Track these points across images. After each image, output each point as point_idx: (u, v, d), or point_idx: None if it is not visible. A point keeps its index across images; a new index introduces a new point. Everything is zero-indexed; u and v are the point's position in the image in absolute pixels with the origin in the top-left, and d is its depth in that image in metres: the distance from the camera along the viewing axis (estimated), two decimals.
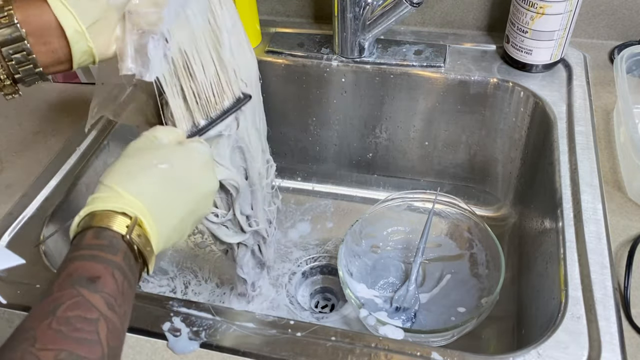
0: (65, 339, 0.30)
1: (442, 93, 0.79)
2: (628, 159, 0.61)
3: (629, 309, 0.50)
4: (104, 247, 0.36)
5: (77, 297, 0.33)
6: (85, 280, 0.33)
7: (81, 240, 0.36)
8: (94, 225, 0.37)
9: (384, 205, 0.77)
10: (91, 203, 0.38)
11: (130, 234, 0.37)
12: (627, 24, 0.80)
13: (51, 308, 0.32)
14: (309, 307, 0.80)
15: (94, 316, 0.32)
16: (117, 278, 0.35)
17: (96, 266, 0.35)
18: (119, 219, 0.37)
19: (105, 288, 0.34)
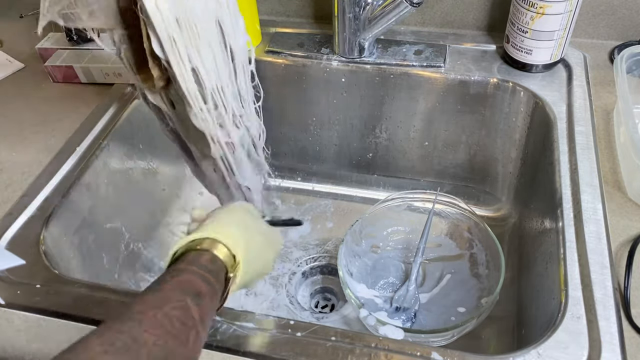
0: (165, 330, 0.36)
1: (442, 93, 0.79)
2: (628, 159, 0.61)
3: (629, 309, 0.50)
4: (213, 272, 0.43)
5: (183, 303, 0.38)
6: (193, 294, 0.39)
7: (199, 259, 0.43)
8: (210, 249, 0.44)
9: (384, 205, 0.77)
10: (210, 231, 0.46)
11: (233, 272, 0.45)
12: (627, 24, 0.80)
13: (160, 303, 0.37)
14: (309, 307, 0.80)
15: (189, 323, 0.38)
16: (213, 301, 0.42)
17: (204, 286, 0.41)
18: (228, 255, 0.45)
19: (204, 305, 0.40)
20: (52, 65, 0.81)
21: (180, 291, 0.39)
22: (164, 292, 0.39)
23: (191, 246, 0.45)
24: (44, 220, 0.61)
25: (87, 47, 0.84)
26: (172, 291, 0.39)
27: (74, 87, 0.81)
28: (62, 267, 0.61)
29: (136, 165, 0.78)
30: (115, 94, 0.78)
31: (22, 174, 0.67)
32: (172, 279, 0.40)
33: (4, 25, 0.97)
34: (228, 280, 0.45)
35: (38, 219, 0.62)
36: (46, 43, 0.86)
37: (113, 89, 0.79)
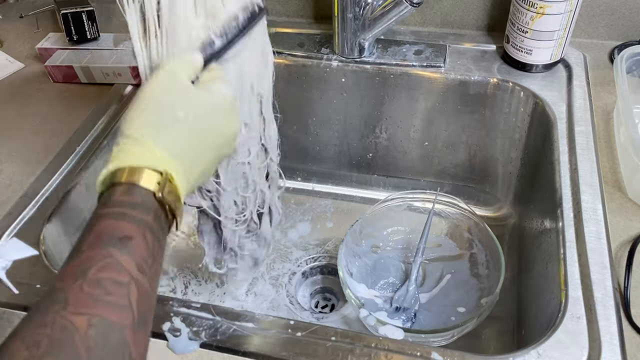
0: (97, 303, 0.29)
1: (442, 93, 0.79)
2: (628, 159, 0.61)
3: (629, 309, 0.50)
4: (135, 205, 0.34)
5: (108, 258, 0.31)
6: (117, 241, 0.32)
7: (111, 197, 0.35)
8: (123, 182, 0.35)
9: (384, 205, 0.77)
10: (118, 157, 0.36)
11: (162, 191, 0.36)
12: (627, 24, 0.80)
13: (82, 269, 0.31)
14: (309, 307, 0.80)
15: (125, 280, 0.31)
16: (148, 239, 0.34)
17: (127, 225, 0.33)
18: (150, 175, 0.36)
19: (137, 249, 0.33)
20: (52, 65, 0.81)
21: (101, 244, 0.32)
22: (82, 254, 0.32)
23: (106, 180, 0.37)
24: (44, 220, 0.61)
25: (87, 47, 0.84)
26: (91, 249, 0.32)
27: (74, 87, 0.81)
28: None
29: None
30: (115, 94, 0.78)
31: (22, 174, 0.67)
32: (89, 233, 0.33)
33: (4, 25, 0.97)
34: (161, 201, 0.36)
35: (38, 219, 0.62)
36: (46, 43, 0.86)
37: (113, 89, 0.79)
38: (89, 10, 0.83)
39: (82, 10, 0.83)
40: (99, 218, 0.34)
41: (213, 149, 0.42)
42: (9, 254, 0.56)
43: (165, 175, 0.36)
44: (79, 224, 0.66)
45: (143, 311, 0.32)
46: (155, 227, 0.35)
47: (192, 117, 0.39)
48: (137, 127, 0.37)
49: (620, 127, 0.65)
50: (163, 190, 0.36)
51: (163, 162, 0.37)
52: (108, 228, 0.33)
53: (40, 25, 0.95)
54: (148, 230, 0.34)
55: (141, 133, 0.37)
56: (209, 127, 0.41)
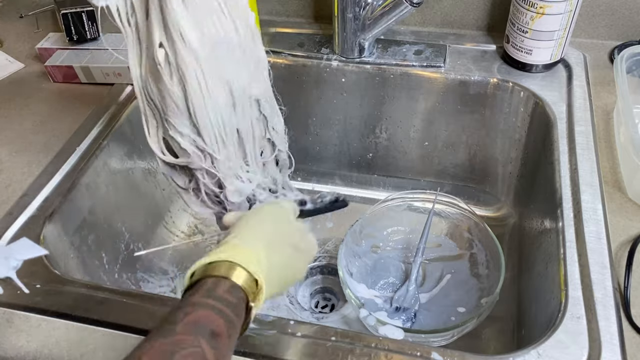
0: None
1: (442, 93, 0.79)
2: (628, 159, 0.61)
3: (629, 309, 0.50)
4: (232, 306, 0.38)
5: (197, 348, 0.34)
6: (209, 334, 0.35)
7: (217, 289, 0.38)
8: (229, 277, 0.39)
9: (384, 205, 0.77)
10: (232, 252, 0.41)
11: (254, 302, 0.40)
12: (627, 24, 0.80)
13: (171, 350, 0.33)
14: (309, 307, 0.80)
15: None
16: (232, 339, 0.37)
17: (221, 323, 0.36)
18: (249, 282, 0.40)
19: (222, 347, 0.36)
20: (52, 65, 0.81)
21: (195, 332, 0.35)
22: (175, 335, 0.34)
23: (208, 270, 0.40)
24: (44, 220, 0.61)
25: (87, 47, 0.84)
26: (184, 333, 0.35)
27: (74, 87, 0.81)
28: (62, 267, 0.61)
29: (136, 165, 0.78)
30: (115, 94, 0.78)
31: (22, 174, 0.67)
32: (186, 316, 0.36)
33: (4, 25, 0.97)
34: (249, 310, 0.40)
35: (38, 219, 0.62)
36: (46, 43, 0.86)
37: (113, 89, 0.79)
38: (89, 10, 0.83)
39: (82, 10, 0.83)
40: (198, 305, 0.37)
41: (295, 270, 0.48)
42: (19, 254, 0.56)
43: (260, 288, 0.41)
44: (79, 224, 0.66)
45: None
46: (236, 330, 0.39)
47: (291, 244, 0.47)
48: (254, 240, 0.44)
49: (620, 127, 0.65)
50: (255, 300, 0.40)
51: (263, 275, 0.41)
52: (205, 319, 0.36)
53: (40, 25, 0.95)
54: (233, 331, 0.38)
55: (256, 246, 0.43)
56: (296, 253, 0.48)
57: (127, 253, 0.76)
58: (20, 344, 0.50)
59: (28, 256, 0.56)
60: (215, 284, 0.39)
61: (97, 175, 0.70)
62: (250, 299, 0.40)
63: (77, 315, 0.52)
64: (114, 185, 0.73)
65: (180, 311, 0.36)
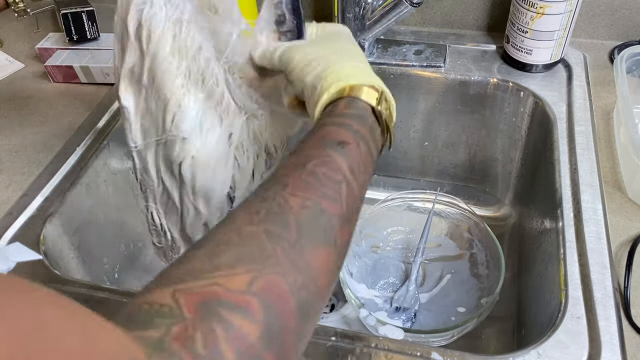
0: (312, 189, 0.33)
1: (442, 93, 0.79)
2: (628, 159, 0.61)
3: (629, 309, 0.50)
4: (354, 117, 0.38)
5: (327, 157, 0.35)
6: (335, 144, 0.36)
7: (334, 108, 0.39)
8: (345, 95, 0.39)
9: (384, 205, 0.77)
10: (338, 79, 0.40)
11: (380, 105, 0.39)
12: (627, 24, 0.80)
13: (302, 162, 0.35)
14: None
15: (338, 177, 0.34)
16: (362, 148, 0.37)
17: (345, 133, 0.37)
18: (369, 92, 0.40)
19: (351, 154, 0.36)
20: (52, 65, 0.81)
21: (320, 146, 0.36)
22: (303, 151, 0.36)
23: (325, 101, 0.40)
24: (44, 220, 0.61)
25: (87, 47, 0.84)
26: (312, 148, 0.36)
27: (74, 87, 0.81)
28: (62, 267, 0.61)
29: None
30: (115, 94, 0.78)
31: (22, 174, 0.67)
32: (310, 137, 0.37)
33: (4, 25, 0.97)
34: (379, 114, 0.40)
35: (38, 219, 0.62)
36: (46, 43, 0.86)
37: (113, 89, 0.79)
38: (89, 10, 0.83)
39: (82, 10, 0.83)
40: (322, 126, 0.38)
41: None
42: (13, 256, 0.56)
43: (381, 92, 0.40)
44: (79, 224, 0.66)
45: (350, 209, 0.35)
46: (370, 140, 0.38)
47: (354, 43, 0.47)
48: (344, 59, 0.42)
49: (620, 127, 0.65)
50: (380, 104, 0.40)
51: (379, 82, 0.41)
52: (329, 134, 0.37)
53: (40, 25, 0.95)
54: (363, 140, 0.37)
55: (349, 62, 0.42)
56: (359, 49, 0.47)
57: (127, 253, 0.76)
58: None
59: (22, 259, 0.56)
60: (333, 106, 0.39)
61: (97, 175, 0.70)
62: (375, 104, 0.39)
63: None
64: (114, 185, 0.73)
65: (307, 136, 0.38)
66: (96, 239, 0.69)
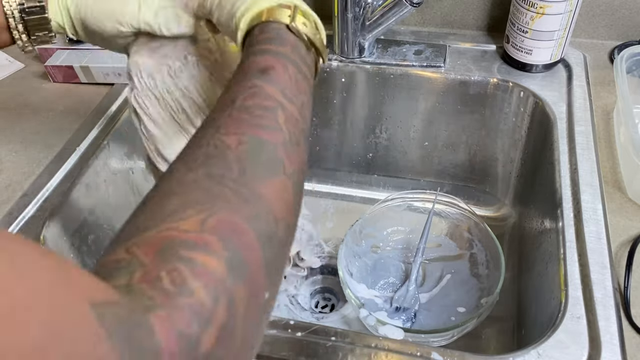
0: (246, 124, 0.32)
1: (442, 93, 0.79)
2: (628, 159, 0.61)
3: (629, 309, 0.50)
4: (271, 40, 0.36)
5: (253, 88, 0.33)
6: (259, 72, 0.34)
7: (251, 39, 0.37)
8: (257, 23, 0.37)
9: (384, 205, 0.77)
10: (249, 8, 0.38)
11: (294, 21, 0.37)
12: (627, 24, 0.80)
13: (230, 99, 0.33)
14: (309, 307, 0.80)
15: (271, 104, 0.33)
16: (290, 70, 0.35)
17: (267, 58, 0.35)
18: (280, 11, 0.37)
19: (279, 79, 0.34)
20: (52, 65, 0.81)
21: (244, 78, 0.34)
22: (231, 88, 0.34)
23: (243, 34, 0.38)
24: (44, 220, 0.61)
25: (87, 47, 0.84)
26: (238, 84, 0.34)
27: (74, 87, 0.81)
28: None
29: (136, 165, 0.78)
30: (115, 94, 0.78)
31: (22, 174, 0.67)
32: (235, 74, 0.35)
33: None
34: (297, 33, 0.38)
35: (38, 219, 0.62)
36: None
37: (113, 89, 0.79)
38: None
39: None
40: (243, 60, 0.36)
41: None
42: None
43: (293, 8, 0.38)
44: (79, 224, 0.66)
45: (294, 132, 0.33)
46: (296, 59, 0.36)
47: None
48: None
49: (620, 127, 0.65)
50: (294, 20, 0.37)
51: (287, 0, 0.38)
52: (251, 64, 0.35)
53: None
54: (289, 62, 0.36)
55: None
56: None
57: None
58: None
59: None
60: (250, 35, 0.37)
61: (97, 175, 0.70)
62: (289, 21, 0.37)
63: None
64: (114, 185, 0.73)
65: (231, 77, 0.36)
66: (96, 239, 0.69)
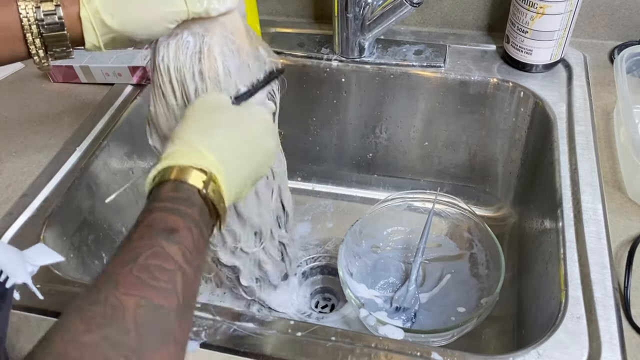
0: (145, 286, 0.32)
1: (442, 93, 0.79)
2: (628, 159, 0.61)
3: (629, 309, 0.50)
4: (182, 201, 0.37)
5: (157, 247, 0.34)
6: (165, 232, 0.35)
7: (160, 193, 0.38)
8: (171, 179, 0.38)
9: (384, 205, 0.77)
10: (168, 157, 0.39)
11: (206, 189, 0.38)
12: (627, 24, 0.80)
13: (132, 256, 0.33)
14: (309, 307, 0.80)
15: (171, 267, 0.33)
16: (194, 232, 0.36)
17: (175, 219, 0.36)
18: (196, 174, 0.38)
19: (183, 241, 0.35)
20: (52, 65, 0.80)
21: (149, 236, 0.35)
22: (132, 243, 0.34)
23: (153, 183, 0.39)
24: (44, 220, 0.61)
25: None
26: (140, 239, 0.34)
27: (74, 87, 0.81)
28: (62, 267, 0.61)
29: (136, 165, 0.78)
30: (115, 94, 0.78)
31: (22, 174, 0.67)
32: (138, 226, 0.36)
33: None
34: (206, 198, 0.38)
35: (38, 219, 0.62)
36: None
37: (113, 89, 0.79)
38: None
39: None
40: (148, 212, 0.36)
41: (253, 160, 0.44)
42: (35, 259, 0.56)
43: (209, 175, 0.39)
44: (79, 224, 0.66)
45: (187, 297, 0.34)
46: (200, 223, 0.37)
47: (234, 125, 0.44)
48: (185, 133, 0.41)
49: (620, 127, 0.65)
50: (207, 187, 0.38)
51: (208, 163, 0.39)
52: (157, 221, 0.35)
53: None
54: (194, 224, 0.37)
55: (188, 137, 0.41)
56: (249, 137, 0.44)
57: None
58: (20, 344, 0.50)
59: (44, 262, 0.56)
60: (158, 190, 0.38)
61: (97, 175, 0.70)
62: (202, 187, 0.38)
63: None
64: (114, 185, 0.73)
65: (135, 225, 0.36)
66: (96, 239, 0.69)
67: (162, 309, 0.32)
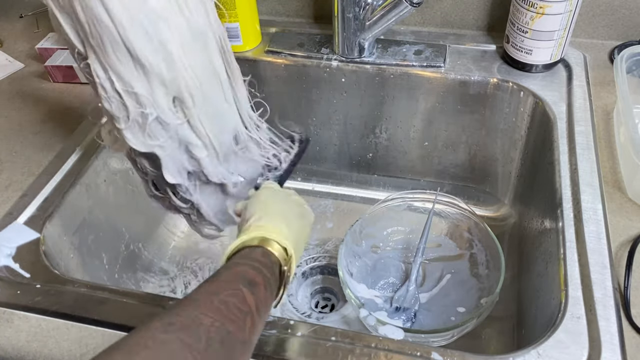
0: (222, 314, 0.37)
1: (442, 93, 0.79)
2: (628, 159, 0.61)
3: (629, 309, 0.50)
4: (267, 265, 0.45)
5: (238, 291, 0.40)
6: (247, 282, 0.41)
7: (252, 253, 0.46)
8: (258, 245, 0.47)
9: (384, 205, 0.77)
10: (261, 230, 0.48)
11: (286, 266, 0.47)
12: (627, 24, 0.80)
13: (216, 290, 0.39)
14: (309, 307, 0.80)
15: (245, 309, 0.39)
16: (267, 291, 0.43)
17: (258, 276, 0.43)
18: (280, 251, 0.47)
19: (259, 293, 0.41)
20: (52, 65, 0.81)
21: (235, 280, 0.41)
22: (219, 281, 0.41)
23: (244, 244, 0.47)
24: (44, 220, 0.61)
25: None
26: (226, 281, 0.41)
27: (74, 87, 0.81)
28: (62, 267, 0.61)
29: None
30: None
31: (22, 174, 0.67)
32: (227, 270, 0.43)
33: (4, 25, 0.97)
34: (283, 273, 0.46)
35: (38, 219, 0.62)
36: (46, 43, 0.86)
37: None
38: None
39: None
40: (238, 265, 0.44)
41: (305, 236, 0.55)
42: (11, 241, 0.57)
43: (290, 255, 0.48)
44: (79, 224, 0.66)
45: (251, 339, 0.39)
46: (274, 287, 0.45)
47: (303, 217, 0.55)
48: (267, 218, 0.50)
49: (620, 127, 0.65)
50: (287, 265, 0.47)
51: (288, 243, 0.48)
52: (244, 272, 0.43)
53: (40, 25, 0.95)
54: (269, 286, 0.44)
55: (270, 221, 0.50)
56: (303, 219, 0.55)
57: (127, 253, 0.76)
58: (21, 344, 0.50)
59: (20, 242, 0.57)
60: (251, 251, 0.46)
61: (97, 175, 0.70)
62: (283, 264, 0.46)
63: (77, 315, 0.52)
64: (114, 185, 0.73)
65: (222, 269, 0.43)
66: (96, 239, 0.69)
67: (231, 334, 0.37)
